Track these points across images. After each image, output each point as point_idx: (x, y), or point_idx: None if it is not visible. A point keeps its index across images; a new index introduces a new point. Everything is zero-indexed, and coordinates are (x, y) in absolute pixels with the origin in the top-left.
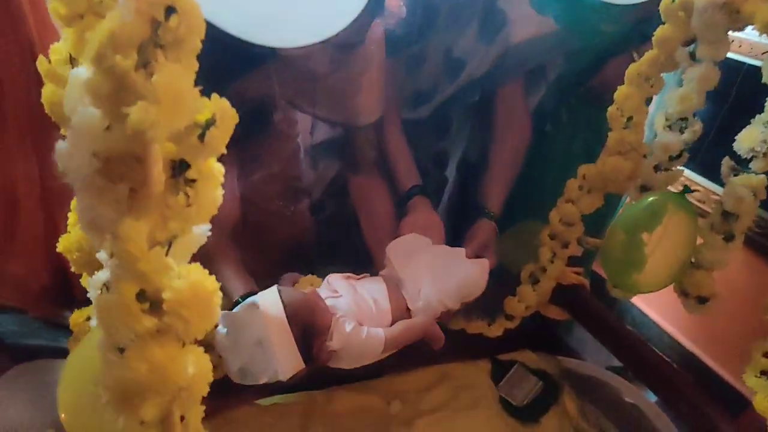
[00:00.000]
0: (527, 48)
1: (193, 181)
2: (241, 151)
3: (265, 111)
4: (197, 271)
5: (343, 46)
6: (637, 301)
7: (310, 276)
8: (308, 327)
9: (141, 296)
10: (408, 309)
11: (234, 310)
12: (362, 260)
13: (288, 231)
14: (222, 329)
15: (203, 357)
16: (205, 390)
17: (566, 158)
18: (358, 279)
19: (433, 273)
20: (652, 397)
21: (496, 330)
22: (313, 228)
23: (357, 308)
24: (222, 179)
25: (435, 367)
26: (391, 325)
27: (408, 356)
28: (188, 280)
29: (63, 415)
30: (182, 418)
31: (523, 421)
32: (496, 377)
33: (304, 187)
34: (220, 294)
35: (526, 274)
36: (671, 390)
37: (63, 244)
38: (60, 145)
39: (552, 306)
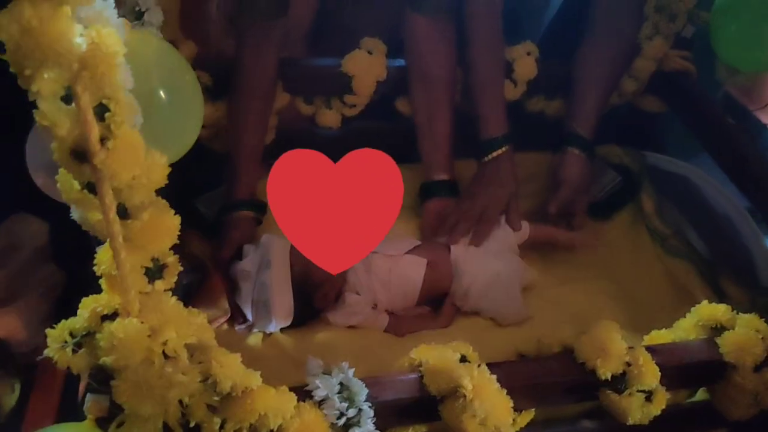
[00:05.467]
0: None
1: None
2: None
3: None
4: None
5: None
6: None
7: None
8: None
9: None
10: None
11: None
12: None
13: None
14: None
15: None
16: (111, 68)
17: None
18: (402, 255)
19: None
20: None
21: None
22: None
23: (382, 288)
24: None
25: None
26: (418, 302)
27: None
28: None
29: None
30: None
31: (593, 217)
32: None
33: None
34: None
35: None
36: None
37: None
38: None
39: (648, 96)
